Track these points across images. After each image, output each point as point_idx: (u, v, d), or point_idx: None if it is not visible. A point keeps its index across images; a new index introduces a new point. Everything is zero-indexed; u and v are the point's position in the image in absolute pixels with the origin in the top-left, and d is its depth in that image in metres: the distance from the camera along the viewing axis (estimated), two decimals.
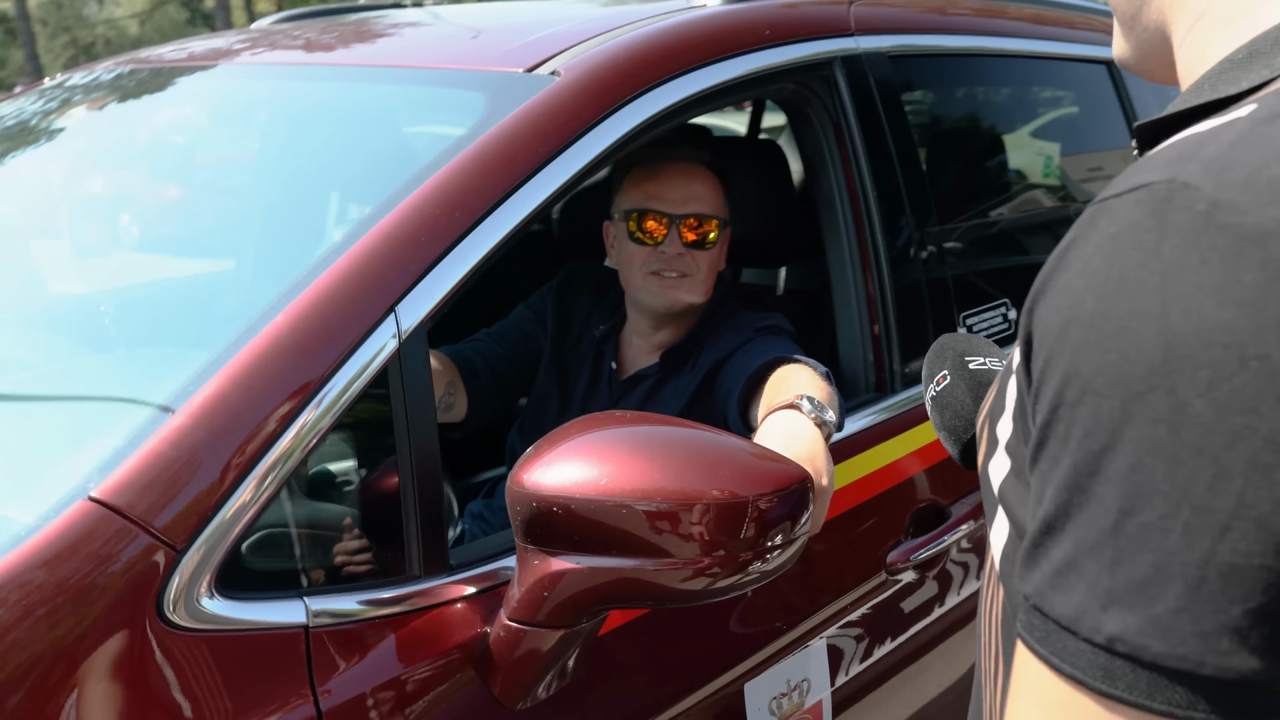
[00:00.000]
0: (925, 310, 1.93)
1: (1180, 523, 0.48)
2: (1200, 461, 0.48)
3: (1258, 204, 0.50)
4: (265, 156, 1.72)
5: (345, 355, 1.17)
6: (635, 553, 1.11)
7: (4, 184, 1.87)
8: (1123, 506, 0.50)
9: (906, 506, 1.77)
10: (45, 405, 1.30)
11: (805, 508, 1.18)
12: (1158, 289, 0.50)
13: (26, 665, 0.95)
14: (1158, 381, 0.49)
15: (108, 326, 1.40)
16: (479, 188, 1.34)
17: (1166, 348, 0.49)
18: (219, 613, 1.06)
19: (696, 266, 1.91)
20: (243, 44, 2.06)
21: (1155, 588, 0.49)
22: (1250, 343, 0.48)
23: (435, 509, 1.23)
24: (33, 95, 2.20)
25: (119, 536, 1.01)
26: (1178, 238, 0.51)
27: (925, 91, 2.20)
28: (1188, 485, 0.48)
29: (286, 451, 1.11)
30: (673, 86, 1.61)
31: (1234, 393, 0.48)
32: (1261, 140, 0.53)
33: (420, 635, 1.19)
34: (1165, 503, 0.49)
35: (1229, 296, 0.49)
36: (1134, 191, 0.54)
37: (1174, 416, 0.49)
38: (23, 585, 0.98)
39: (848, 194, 1.89)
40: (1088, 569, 0.51)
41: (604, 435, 1.16)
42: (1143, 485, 0.49)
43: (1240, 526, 0.47)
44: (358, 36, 2.01)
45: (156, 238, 1.73)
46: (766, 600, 1.51)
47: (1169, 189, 0.52)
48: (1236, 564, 0.47)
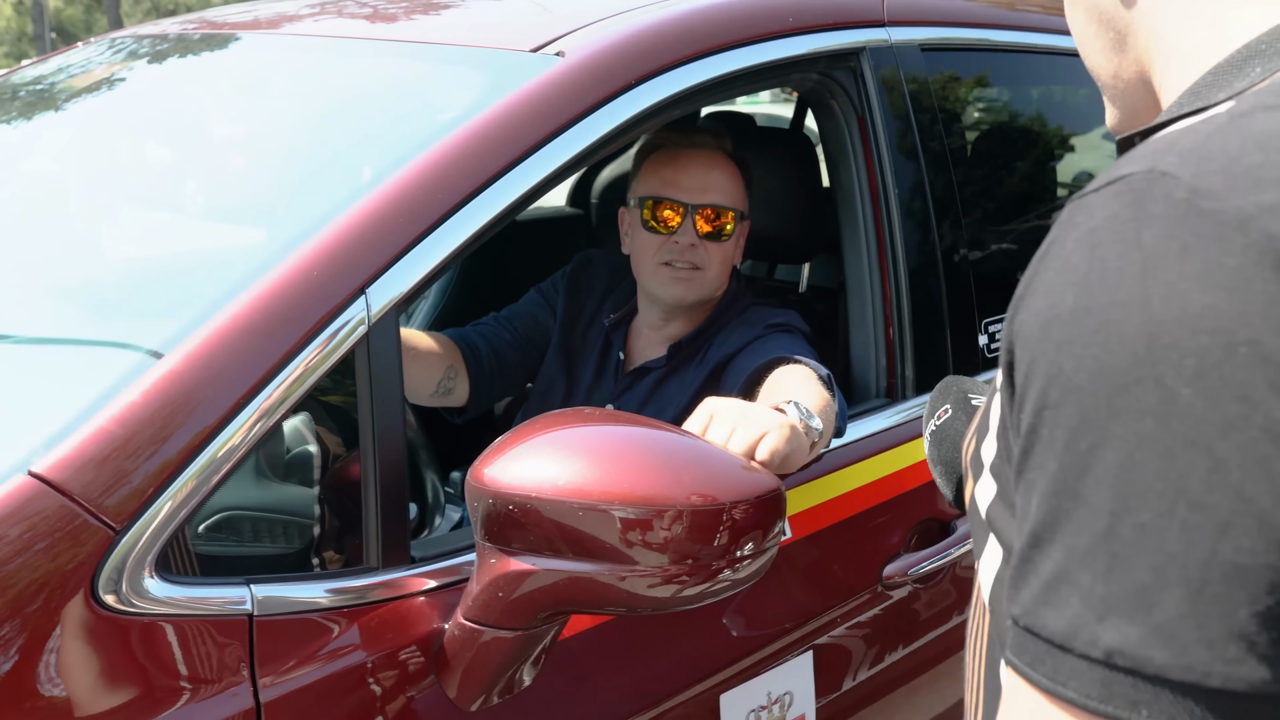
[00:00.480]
0: (944, 315, 1.86)
1: (1177, 521, 0.46)
2: (1194, 454, 0.46)
3: (1237, 190, 0.49)
4: (251, 131, 1.69)
5: (309, 336, 1.13)
6: (598, 557, 1.07)
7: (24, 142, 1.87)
8: (1114, 508, 0.47)
9: (909, 518, 1.70)
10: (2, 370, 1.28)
11: (778, 517, 1.13)
12: (1139, 278, 0.49)
13: None
14: (1144, 372, 0.47)
15: (76, 295, 1.38)
16: (466, 169, 1.29)
17: (1151, 337, 0.47)
18: (158, 596, 1.03)
19: (709, 259, 1.86)
20: (242, 15, 2.03)
21: (1155, 593, 0.46)
22: (1238, 328, 0.46)
23: (398, 499, 1.19)
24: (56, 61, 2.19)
25: (56, 514, 0.99)
26: (1157, 226, 0.49)
27: (959, 87, 2.11)
28: (1182, 480, 0.46)
29: (241, 434, 1.08)
30: (684, 72, 1.55)
31: (1224, 380, 0.46)
32: (1239, 131, 0.52)
33: (374, 629, 1.15)
34: (1160, 501, 0.46)
35: (1213, 282, 0.47)
36: (1112, 185, 0.53)
37: (1163, 408, 0.47)
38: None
39: (868, 191, 1.82)
40: (1081, 579, 0.48)
41: (571, 433, 1.11)
42: (1135, 483, 0.47)
43: (1241, 523, 0.45)
44: (366, 9, 1.98)
45: (136, 206, 1.70)
46: (749, 606, 1.46)
47: (1147, 179, 0.51)
48: (1240, 564, 0.44)
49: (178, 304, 1.23)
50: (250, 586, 1.09)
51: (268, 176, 1.59)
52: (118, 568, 1.00)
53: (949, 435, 1.03)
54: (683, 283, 1.85)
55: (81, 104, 1.97)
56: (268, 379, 1.10)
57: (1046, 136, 2.39)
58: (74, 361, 1.24)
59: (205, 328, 1.10)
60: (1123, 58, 0.72)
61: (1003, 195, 2.17)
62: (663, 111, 1.52)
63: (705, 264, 1.85)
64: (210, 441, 1.06)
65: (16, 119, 1.99)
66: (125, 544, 1.01)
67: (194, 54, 1.98)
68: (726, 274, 1.90)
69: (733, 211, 1.87)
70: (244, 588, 1.08)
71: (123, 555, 1.01)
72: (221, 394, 1.07)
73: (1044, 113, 2.40)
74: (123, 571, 1.01)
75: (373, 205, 1.22)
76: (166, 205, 1.74)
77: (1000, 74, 2.22)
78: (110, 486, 1.01)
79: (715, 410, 1.26)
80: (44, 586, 0.97)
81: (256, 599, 1.08)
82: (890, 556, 1.64)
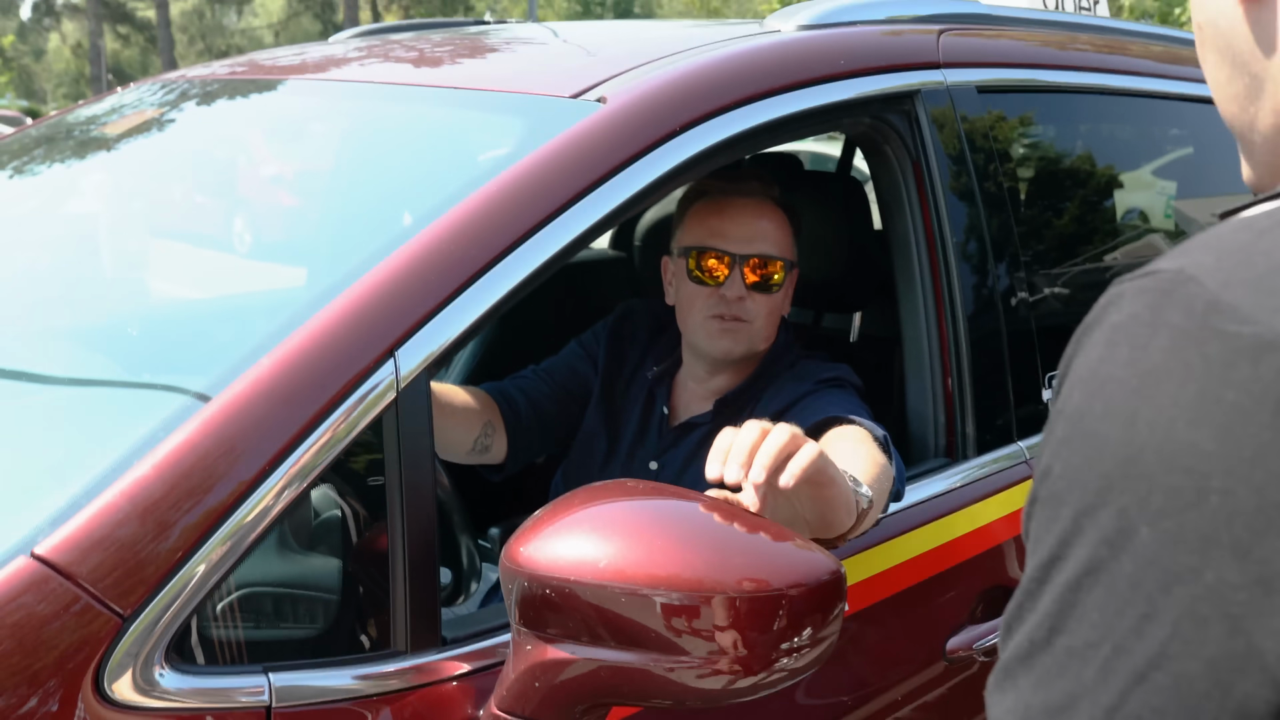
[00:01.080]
0: (1005, 367, 1.76)
1: (1100, 657, 0.45)
2: (1134, 596, 0.44)
3: (1264, 309, 0.44)
4: (286, 179, 1.63)
5: (333, 403, 1.06)
6: (643, 645, 0.98)
7: None
8: (1054, 624, 0.47)
9: (973, 587, 1.60)
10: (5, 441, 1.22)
11: (838, 599, 1.04)
12: (1134, 393, 0.46)
13: None
14: (1112, 497, 0.45)
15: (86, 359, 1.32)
16: (502, 222, 1.22)
17: (1127, 461, 0.45)
18: (168, 688, 0.95)
19: (758, 312, 1.78)
20: (289, 59, 1.99)
21: (1064, 718, 0.46)
22: (1215, 473, 0.43)
23: (427, 576, 1.11)
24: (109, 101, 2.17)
25: (59, 600, 0.92)
26: (1167, 338, 0.46)
27: (1017, 129, 2.03)
28: (1115, 619, 0.45)
29: (258, 512, 1.01)
30: (731, 118, 1.48)
31: (1184, 528, 0.43)
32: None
33: (402, 719, 1.07)
34: (1091, 631, 0.45)
35: (1204, 416, 0.44)
36: (1144, 278, 0.49)
37: (1118, 539, 0.45)
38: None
39: (924, 236, 1.73)
40: (1019, 679, 0.48)
41: (612, 509, 1.03)
42: (1075, 606, 0.46)
43: (1156, 679, 0.43)
44: (411, 53, 1.93)
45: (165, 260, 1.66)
46: (806, 693, 1.36)
47: (1173, 281, 0.47)
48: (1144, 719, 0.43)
49: (197, 367, 1.16)
50: (268, 675, 1.01)
51: (299, 228, 1.54)
52: (125, 657, 0.93)
53: None
54: (729, 335, 1.77)
55: (127, 145, 1.94)
56: (288, 450, 1.03)
57: (1102, 176, 2.29)
58: (87, 422, 1.18)
59: (223, 395, 1.04)
60: (1259, 107, 0.64)
61: (1061, 238, 2.08)
62: (709, 159, 1.45)
63: (753, 316, 1.77)
64: (225, 519, 0.99)
65: (69, 158, 1.96)
66: (134, 631, 0.94)
67: (240, 97, 1.95)
68: (775, 326, 1.82)
69: (781, 261, 1.79)
70: (261, 676, 1.01)
71: (131, 644, 0.94)
72: (238, 468, 1.00)
73: (1100, 152, 2.30)
74: (131, 661, 0.94)
75: (402, 261, 1.16)
76: (195, 255, 1.69)
77: (1055, 114, 2.13)
78: (118, 568, 0.94)
79: (738, 429, 1.16)
80: (46, 679, 0.90)
81: (274, 689, 1.01)
82: (954, 629, 1.54)
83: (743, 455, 1.11)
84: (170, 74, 2.18)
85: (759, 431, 1.13)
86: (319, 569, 1.18)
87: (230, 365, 1.08)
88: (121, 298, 1.62)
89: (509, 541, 1.03)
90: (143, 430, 1.03)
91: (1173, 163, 2.44)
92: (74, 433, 1.18)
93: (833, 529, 1.22)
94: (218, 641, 1.02)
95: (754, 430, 1.13)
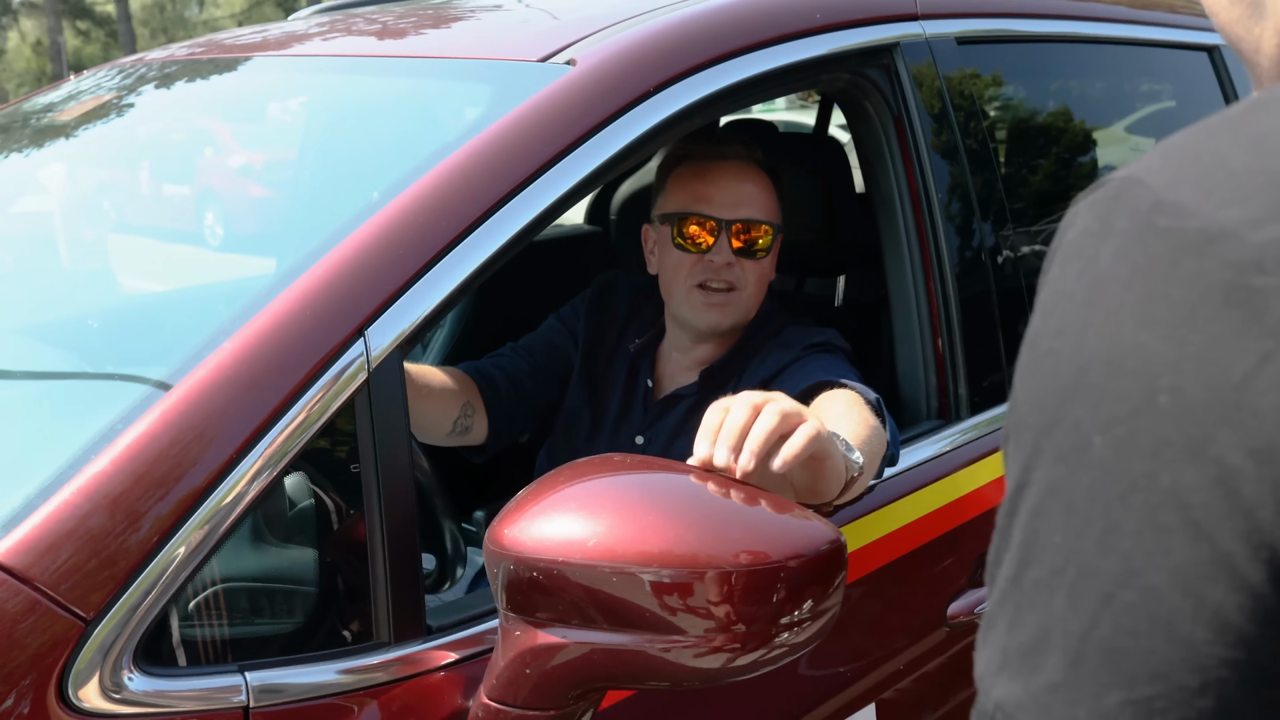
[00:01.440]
0: (996, 325, 1.72)
1: (1066, 582, 0.42)
2: (1092, 512, 0.42)
3: (1209, 203, 0.42)
4: (251, 157, 1.57)
5: (301, 387, 1.01)
6: (637, 626, 0.94)
7: None
8: (1023, 556, 0.44)
9: (974, 549, 1.56)
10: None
11: (839, 569, 1.00)
12: (1084, 304, 0.44)
13: None
14: (1066, 412, 0.43)
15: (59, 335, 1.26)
16: (472, 192, 1.17)
17: (1079, 372, 0.43)
18: (138, 691, 0.90)
19: (745, 279, 1.73)
20: (251, 36, 1.92)
21: (1038, 656, 0.43)
22: (1163, 373, 0.41)
23: (409, 564, 1.07)
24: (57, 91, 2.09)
25: (16, 606, 0.86)
26: (1114, 244, 0.44)
27: (999, 81, 1.98)
28: (1077, 539, 0.42)
29: (227, 503, 0.95)
30: (706, 77, 1.42)
31: (1136, 433, 0.41)
32: (1246, 125, 0.45)
33: (388, 714, 1.02)
34: (1055, 557, 0.43)
35: (1150, 316, 0.42)
36: (1096, 191, 0.47)
37: (1074, 455, 0.43)
38: None
39: (909, 195, 1.69)
40: (998, 624, 0.45)
41: (599, 485, 0.99)
42: (1040, 533, 0.44)
43: (1124, 597, 0.41)
44: (374, 25, 1.86)
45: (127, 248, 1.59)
46: (804, 663, 1.32)
47: (1120, 186, 0.45)
48: (1118, 642, 0.41)
49: (158, 356, 1.11)
50: (245, 674, 0.96)
51: (263, 211, 1.47)
52: (91, 663, 0.88)
53: None
54: (717, 308, 1.72)
55: (86, 131, 1.87)
56: (255, 438, 0.98)
57: (1089, 129, 2.25)
58: (42, 417, 1.12)
59: (184, 383, 0.98)
60: (1263, 28, 0.60)
61: (1049, 192, 2.03)
62: (684, 120, 1.40)
63: (742, 284, 1.72)
64: (193, 513, 0.94)
65: (26, 147, 1.89)
66: (98, 634, 0.89)
67: (201, 78, 1.88)
68: (763, 294, 1.77)
69: (768, 225, 1.74)
70: (237, 675, 0.96)
71: (97, 648, 0.88)
72: (204, 459, 0.95)
73: (1086, 103, 2.26)
74: (97, 666, 0.89)
75: (369, 236, 1.10)
76: (157, 242, 1.63)
77: (1041, 65, 2.09)
78: (79, 570, 0.89)
79: (729, 404, 1.10)
80: (6, 689, 0.85)
81: (252, 687, 0.96)
82: (955, 594, 1.50)
83: (732, 437, 1.04)
84: (128, 58, 2.10)
85: (749, 410, 1.06)
86: (296, 561, 1.13)
87: (192, 352, 1.02)
88: (82, 289, 1.56)
89: (492, 524, 0.98)
90: (101, 423, 0.98)
91: (1159, 114, 2.40)
92: (28, 429, 1.13)
93: (821, 496, 1.18)
94: (190, 641, 0.96)
95: (745, 409, 1.06)
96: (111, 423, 0.96)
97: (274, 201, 1.51)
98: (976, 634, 0.48)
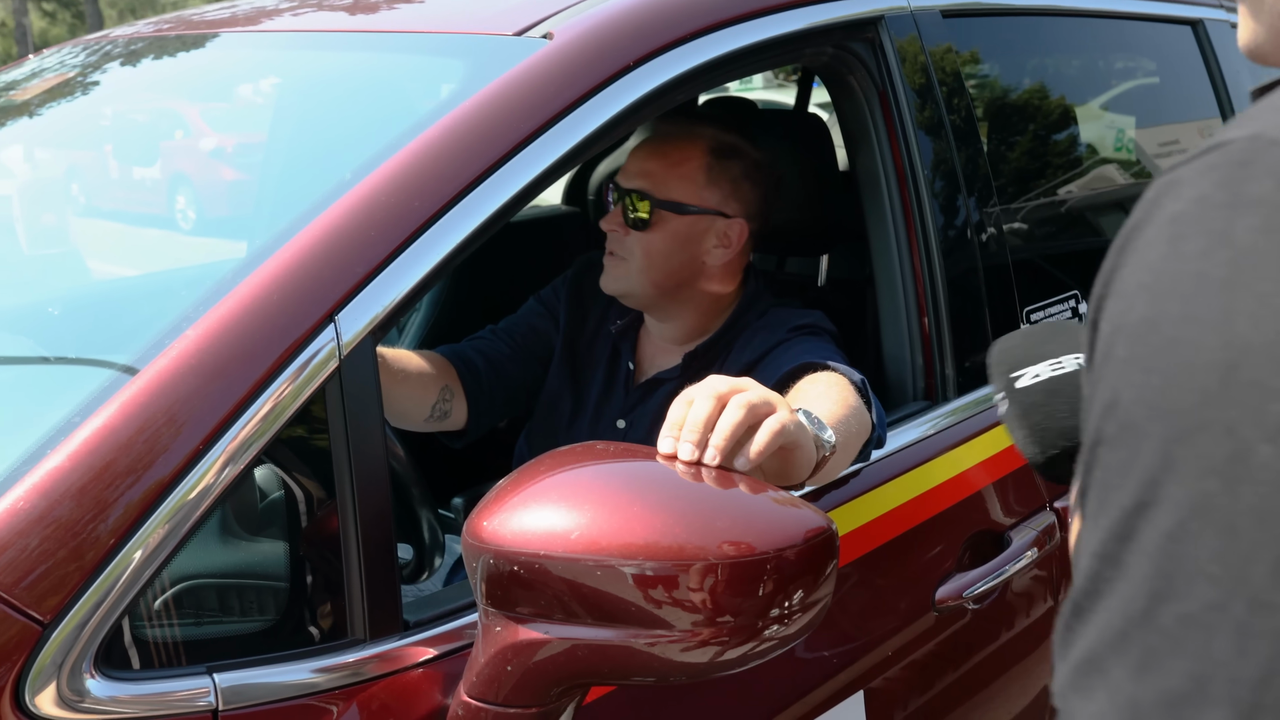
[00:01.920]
0: (983, 303, 1.69)
1: (1232, 621, 0.36)
2: (1265, 535, 0.36)
3: None
4: (219, 136, 1.52)
5: (269, 376, 0.96)
6: (621, 621, 0.90)
7: None
8: (1156, 588, 0.38)
9: (960, 533, 1.54)
10: None
11: (830, 559, 0.96)
12: (1223, 287, 0.38)
13: None
14: (1213, 415, 0.37)
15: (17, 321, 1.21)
16: (445, 171, 1.13)
17: (1228, 368, 0.37)
18: (100, 697, 0.86)
19: (630, 250, 1.69)
20: (219, 12, 1.86)
21: (1191, 709, 0.36)
22: None
23: (384, 557, 1.03)
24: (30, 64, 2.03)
25: None
26: (1255, 216, 0.38)
27: (984, 55, 1.94)
28: (1244, 568, 0.36)
29: (192, 497, 0.91)
30: (687, 51, 1.38)
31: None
32: None
33: (365, 713, 0.99)
34: (1213, 589, 0.36)
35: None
36: (1207, 155, 0.41)
37: (1232, 467, 0.36)
38: None
39: (894, 171, 1.65)
40: (1112, 670, 0.39)
41: (581, 474, 0.95)
42: (1184, 561, 0.37)
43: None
44: (340, 1, 1.81)
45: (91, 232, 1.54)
46: (793, 652, 1.29)
47: (1250, 148, 0.39)
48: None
49: (122, 343, 1.06)
50: (213, 675, 0.92)
51: (231, 186, 1.42)
52: (49, 668, 0.84)
53: (1014, 434, 0.90)
54: (605, 272, 1.74)
55: (49, 110, 1.81)
56: (222, 428, 0.93)
57: (1076, 104, 2.22)
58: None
59: (145, 372, 0.94)
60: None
61: (1037, 170, 2.00)
62: (664, 95, 1.36)
63: (626, 253, 1.70)
64: (156, 508, 0.89)
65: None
66: (56, 638, 0.85)
67: (168, 55, 1.82)
68: (663, 271, 1.70)
69: (651, 201, 1.68)
70: (205, 677, 0.92)
71: (54, 652, 0.84)
72: (167, 451, 0.91)
73: (1074, 78, 2.23)
74: (56, 672, 0.84)
75: (338, 217, 1.06)
76: (123, 227, 1.58)
77: (1026, 39, 2.05)
78: (33, 570, 0.84)
79: (694, 395, 1.05)
80: None
81: (220, 689, 0.92)
82: (942, 578, 1.48)
83: (696, 432, 0.99)
84: (93, 35, 2.04)
85: (714, 402, 1.01)
86: (266, 555, 1.09)
87: (155, 339, 0.98)
88: (44, 274, 1.51)
89: (471, 516, 0.94)
90: (59, 414, 0.93)
91: (1142, 88, 2.37)
92: None
93: (791, 480, 1.14)
94: (155, 642, 0.93)
95: (709, 401, 1.01)
96: (69, 414, 0.92)
97: (242, 181, 1.46)
98: (1058, 678, 0.41)
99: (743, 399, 1.02)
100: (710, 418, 1.00)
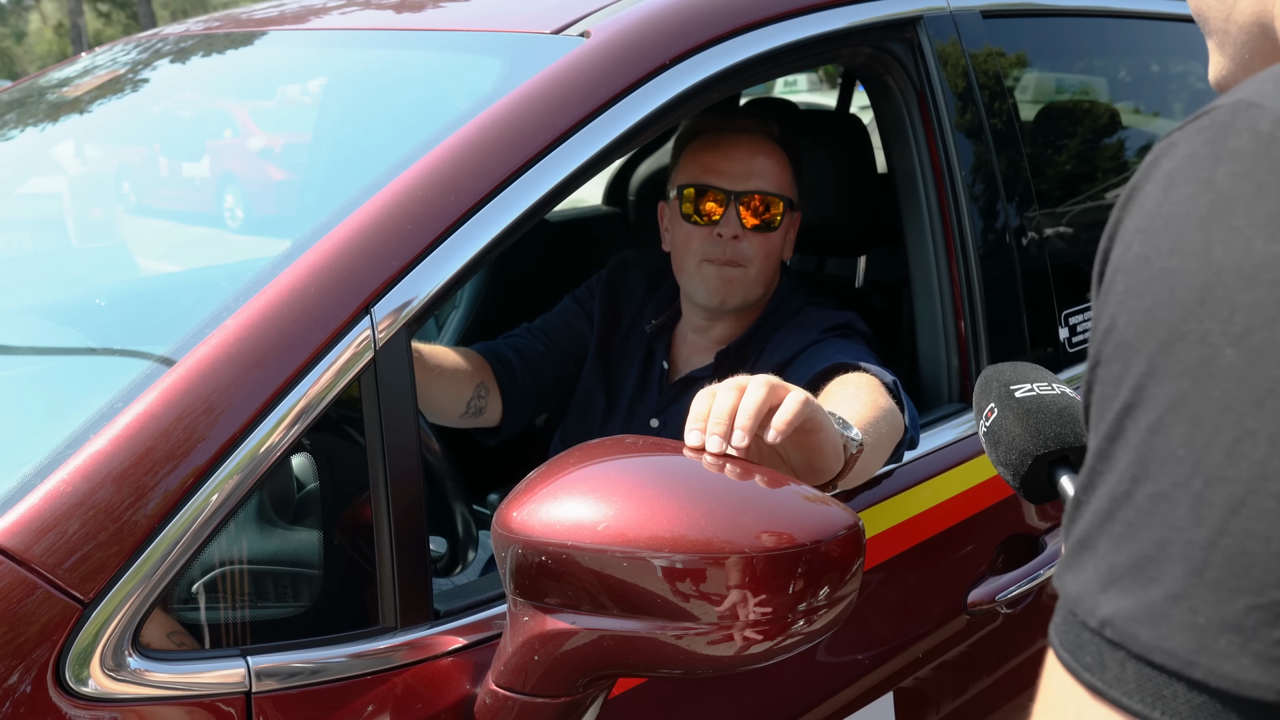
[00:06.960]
0: (1020, 306, 1.68)
1: (1190, 493, 0.42)
2: (1223, 421, 0.41)
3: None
4: (263, 133, 1.55)
5: (305, 366, 0.98)
6: (648, 612, 0.91)
7: None
8: (1135, 473, 0.44)
9: (994, 536, 1.53)
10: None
11: (857, 555, 0.97)
12: (1203, 223, 0.44)
13: None
14: (1190, 328, 0.43)
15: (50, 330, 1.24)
16: (482, 167, 1.14)
17: (1205, 288, 0.43)
18: (137, 676, 0.88)
19: (755, 254, 1.69)
20: (268, 10, 1.89)
21: (1154, 568, 0.42)
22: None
23: (416, 547, 1.04)
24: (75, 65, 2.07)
25: (13, 588, 0.84)
26: (1234, 163, 0.44)
27: (1025, 57, 1.93)
28: (1205, 449, 0.42)
29: (230, 484, 0.93)
30: (724, 50, 1.39)
31: (1272, 341, 0.41)
32: None
33: (392, 699, 1.00)
34: (1178, 469, 0.42)
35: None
36: (1199, 119, 0.47)
37: (1202, 368, 0.42)
38: None
39: (932, 173, 1.65)
40: (1099, 544, 0.45)
41: (611, 467, 0.96)
42: (1158, 448, 0.43)
43: (1257, 502, 0.40)
44: (383, 0, 1.83)
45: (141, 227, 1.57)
46: (821, 650, 1.29)
47: (1232, 111, 0.46)
48: (1248, 548, 0.40)
49: (163, 334, 1.08)
50: (247, 658, 0.94)
51: (276, 182, 1.45)
52: (89, 647, 0.86)
53: (1001, 437, 0.97)
54: (724, 284, 1.69)
55: (100, 106, 1.85)
56: (258, 418, 0.95)
57: (1119, 108, 2.20)
58: (43, 395, 1.10)
59: (185, 361, 0.96)
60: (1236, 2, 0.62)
61: (1076, 173, 1.99)
62: (701, 94, 1.36)
63: (749, 259, 1.68)
64: (195, 493, 0.91)
65: (42, 122, 1.88)
66: (97, 617, 0.87)
67: (217, 53, 1.86)
68: (773, 271, 1.74)
69: (780, 199, 1.70)
70: (239, 660, 0.94)
71: (95, 631, 0.86)
72: (206, 439, 0.93)
73: (1117, 81, 2.20)
74: (95, 650, 0.87)
75: (375, 211, 1.07)
76: (171, 221, 1.61)
77: (1069, 41, 2.04)
78: (77, 551, 0.87)
79: (715, 389, 1.06)
80: (2, 674, 0.83)
81: (254, 672, 0.94)
82: (975, 580, 1.47)
83: (721, 422, 1.01)
84: (144, 33, 2.08)
85: (735, 392, 1.03)
86: (301, 543, 1.11)
87: (194, 330, 1.00)
88: (94, 267, 1.54)
89: (500, 506, 0.96)
90: (102, 400, 0.95)
91: (1192, 93, 2.34)
92: (29, 408, 1.11)
93: (820, 475, 1.14)
94: (191, 625, 0.94)
95: (730, 392, 1.03)
96: (112, 400, 0.94)
97: (286, 178, 1.48)
98: (1058, 563, 0.47)
99: (762, 379, 1.04)
100: (734, 405, 1.02)
